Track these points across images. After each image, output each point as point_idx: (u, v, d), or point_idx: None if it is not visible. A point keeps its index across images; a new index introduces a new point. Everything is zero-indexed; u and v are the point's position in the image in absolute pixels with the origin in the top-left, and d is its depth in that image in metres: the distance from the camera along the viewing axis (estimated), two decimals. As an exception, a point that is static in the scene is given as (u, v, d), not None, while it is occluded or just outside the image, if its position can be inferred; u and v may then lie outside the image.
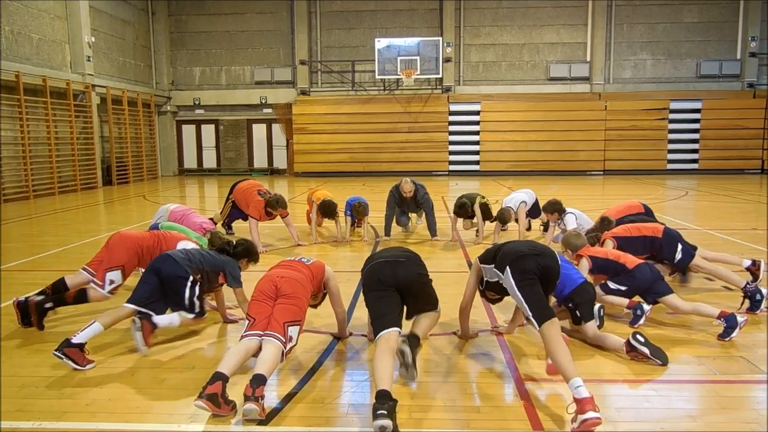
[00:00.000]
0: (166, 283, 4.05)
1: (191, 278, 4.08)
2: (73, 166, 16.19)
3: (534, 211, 8.21)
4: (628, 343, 3.71)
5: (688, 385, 3.47)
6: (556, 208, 7.28)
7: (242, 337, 3.44)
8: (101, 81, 17.57)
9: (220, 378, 3.05)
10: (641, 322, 4.33)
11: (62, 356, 3.60)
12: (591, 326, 4.00)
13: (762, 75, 20.93)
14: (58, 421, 3.02)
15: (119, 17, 19.26)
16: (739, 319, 4.01)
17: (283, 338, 3.36)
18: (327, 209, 8.01)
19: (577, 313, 4.02)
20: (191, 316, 4.12)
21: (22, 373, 3.64)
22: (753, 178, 19.13)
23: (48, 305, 4.42)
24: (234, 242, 4.65)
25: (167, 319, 4.02)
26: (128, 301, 4.00)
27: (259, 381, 3.02)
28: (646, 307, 4.36)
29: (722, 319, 4.05)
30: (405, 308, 3.64)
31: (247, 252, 4.59)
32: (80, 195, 15.49)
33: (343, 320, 4.21)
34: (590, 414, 2.77)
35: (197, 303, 4.13)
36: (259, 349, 3.33)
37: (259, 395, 2.98)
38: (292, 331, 3.44)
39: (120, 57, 19.37)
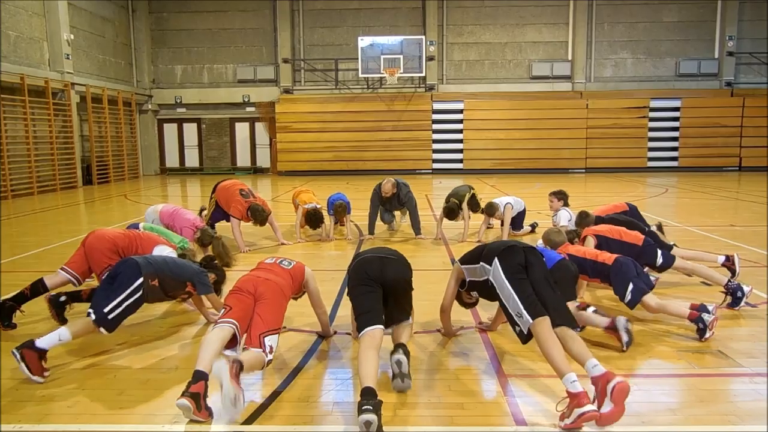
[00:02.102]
0: (118, 280, 3.82)
1: (141, 280, 3.82)
2: (53, 165, 15.96)
3: (518, 220, 8.24)
4: (616, 321, 3.85)
5: (669, 379, 3.53)
6: (562, 197, 7.50)
7: (216, 323, 3.50)
8: (81, 79, 17.33)
9: (203, 377, 3.04)
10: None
11: (16, 357, 3.43)
12: (570, 306, 4.05)
13: (739, 74, 21.30)
14: (39, 424, 2.98)
15: (99, 14, 19.01)
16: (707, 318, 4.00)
17: (261, 351, 3.34)
18: (313, 221, 7.98)
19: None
20: (92, 317, 3.67)
21: (3, 375, 3.58)
22: (731, 175, 19.47)
23: (62, 299, 4.44)
24: (216, 261, 4.71)
25: (52, 338, 3.56)
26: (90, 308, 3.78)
27: (237, 361, 3.02)
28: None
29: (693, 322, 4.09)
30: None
31: (220, 274, 4.57)
32: (60, 195, 15.28)
33: (326, 321, 4.22)
34: (588, 407, 2.79)
35: (117, 313, 3.72)
36: (233, 337, 3.42)
37: (236, 366, 2.97)
38: (270, 340, 3.42)
39: (100, 55, 19.13)
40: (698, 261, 5.49)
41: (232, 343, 3.45)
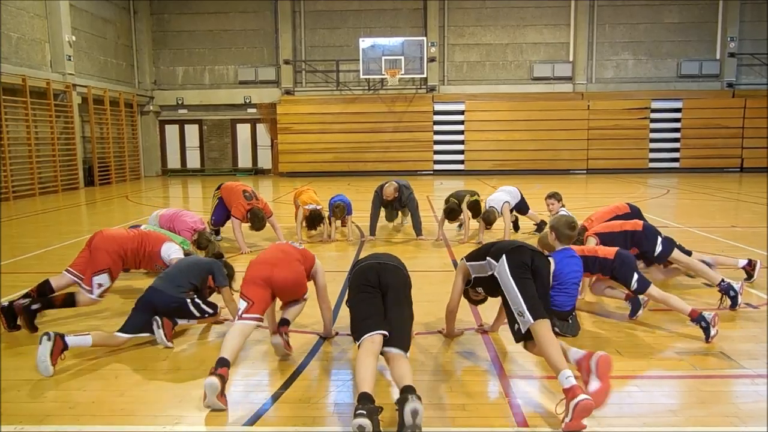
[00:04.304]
0: (168, 312, 4.11)
1: (188, 299, 4.19)
2: (54, 166, 15.97)
3: (521, 208, 8.22)
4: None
5: (669, 380, 3.53)
6: (559, 198, 7.53)
7: (239, 317, 3.52)
8: (82, 80, 17.35)
9: (227, 365, 3.17)
10: (640, 312, 4.46)
11: (50, 340, 3.54)
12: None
13: (741, 75, 21.28)
14: (40, 425, 2.98)
15: (100, 16, 19.03)
16: (707, 316, 4.01)
17: (300, 301, 3.98)
18: (311, 221, 8.03)
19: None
20: (208, 315, 4.35)
21: (2, 376, 3.59)
22: (732, 176, 19.45)
23: (35, 307, 4.35)
24: (224, 259, 4.77)
25: (185, 319, 4.25)
26: (122, 330, 3.96)
27: (284, 322, 3.77)
28: (643, 297, 4.42)
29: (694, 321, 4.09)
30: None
31: (230, 269, 4.65)
32: (61, 196, 15.29)
33: (329, 318, 4.21)
34: (581, 396, 2.80)
35: (207, 308, 4.31)
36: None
37: (284, 332, 3.70)
38: (305, 295, 4.02)
39: (101, 56, 19.15)
40: (719, 266, 5.49)
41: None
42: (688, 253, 5.31)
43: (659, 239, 5.06)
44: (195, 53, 22.00)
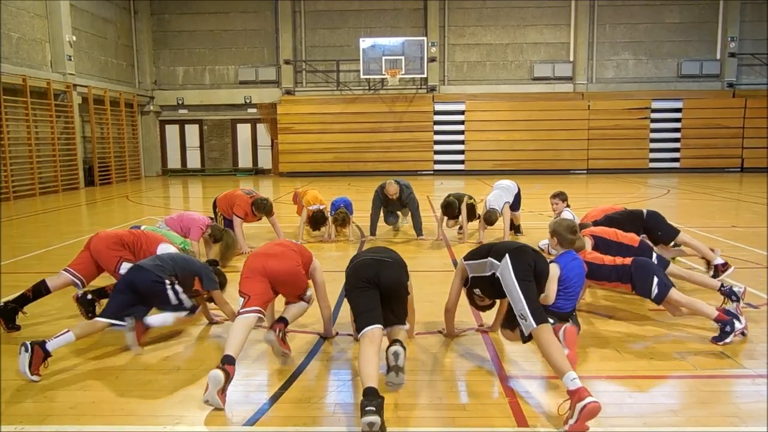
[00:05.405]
0: (146, 292, 3.98)
1: (167, 281, 4.02)
2: (55, 166, 15.97)
3: (515, 205, 8.21)
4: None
5: (670, 380, 3.53)
6: (564, 198, 7.45)
7: (239, 313, 3.57)
8: (83, 80, 17.36)
9: (233, 362, 3.20)
10: (728, 340, 3.99)
11: (27, 351, 3.46)
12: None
13: (741, 75, 21.28)
14: (41, 425, 2.98)
15: (101, 16, 19.03)
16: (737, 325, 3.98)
17: (302, 302, 3.96)
18: (314, 222, 8.08)
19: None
20: (184, 313, 4.09)
21: (3, 376, 3.58)
22: (733, 176, 19.44)
23: (89, 297, 4.54)
24: (218, 267, 4.67)
25: (160, 319, 3.99)
26: (101, 315, 3.92)
27: (281, 320, 3.74)
28: (739, 325, 4.06)
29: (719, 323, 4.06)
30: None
31: (222, 277, 4.50)
32: (62, 196, 15.29)
33: (329, 317, 4.22)
34: (589, 399, 2.79)
35: (185, 299, 4.09)
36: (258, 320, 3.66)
37: (279, 329, 3.65)
38: (308, 293, 4.02)
39: (102, 56, 19.15)
40: (695, 248, 5.67)
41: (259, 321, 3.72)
42: (676, 232, 5.28)
43: (654, 256, 4.99)
44: (195, 53, 22.00)
